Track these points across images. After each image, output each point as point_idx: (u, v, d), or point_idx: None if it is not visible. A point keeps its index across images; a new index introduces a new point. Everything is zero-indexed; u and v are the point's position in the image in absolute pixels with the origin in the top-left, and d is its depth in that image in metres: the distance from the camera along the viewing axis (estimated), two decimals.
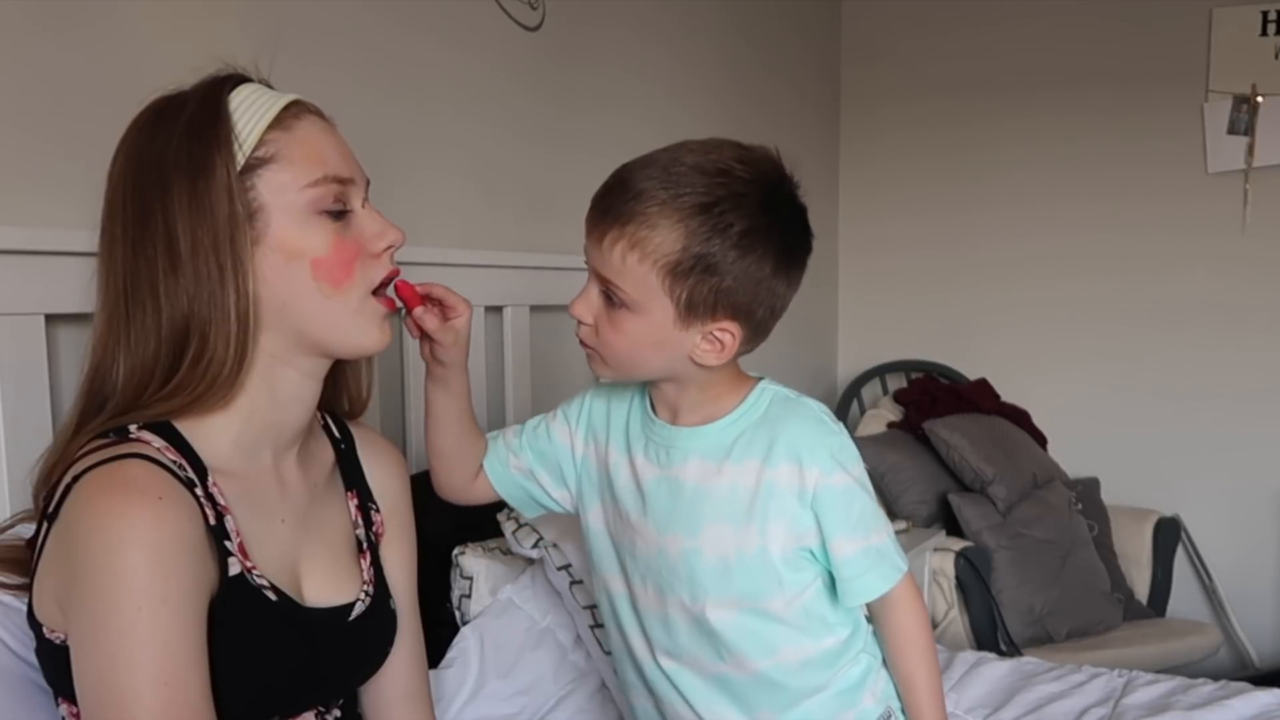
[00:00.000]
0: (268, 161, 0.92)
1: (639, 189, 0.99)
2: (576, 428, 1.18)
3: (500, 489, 1.21)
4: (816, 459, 1.05)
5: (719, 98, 2.81)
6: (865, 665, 1.13)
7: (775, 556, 1.07)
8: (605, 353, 1.06)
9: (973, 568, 2.57)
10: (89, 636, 0.83)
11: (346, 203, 0.96)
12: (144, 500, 0.84)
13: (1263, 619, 3.18)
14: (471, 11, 1.94)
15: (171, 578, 0.83)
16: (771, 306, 1.03)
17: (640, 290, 1.00)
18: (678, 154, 1.01)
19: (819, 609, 1.10)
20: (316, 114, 0.98)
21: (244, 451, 0.97)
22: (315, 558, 1.02)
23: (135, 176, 0.93)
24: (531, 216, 2.13)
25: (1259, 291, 3.15)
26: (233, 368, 0.92)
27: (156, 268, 0.91)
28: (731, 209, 0.98)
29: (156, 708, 0.81)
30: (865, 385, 3.50)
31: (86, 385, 0.95)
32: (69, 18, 1.25)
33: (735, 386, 1.10)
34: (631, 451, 1.12)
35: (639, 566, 1.12)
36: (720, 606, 1.08)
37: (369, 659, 1.08)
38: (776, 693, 1.11)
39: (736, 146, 1.02)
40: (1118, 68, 3.23)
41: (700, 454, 1.08)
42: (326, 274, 0.94)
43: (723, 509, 1.07)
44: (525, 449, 1.20)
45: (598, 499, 1.16)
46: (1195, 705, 1.64)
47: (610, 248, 1.01)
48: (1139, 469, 3.22)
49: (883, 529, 1.10)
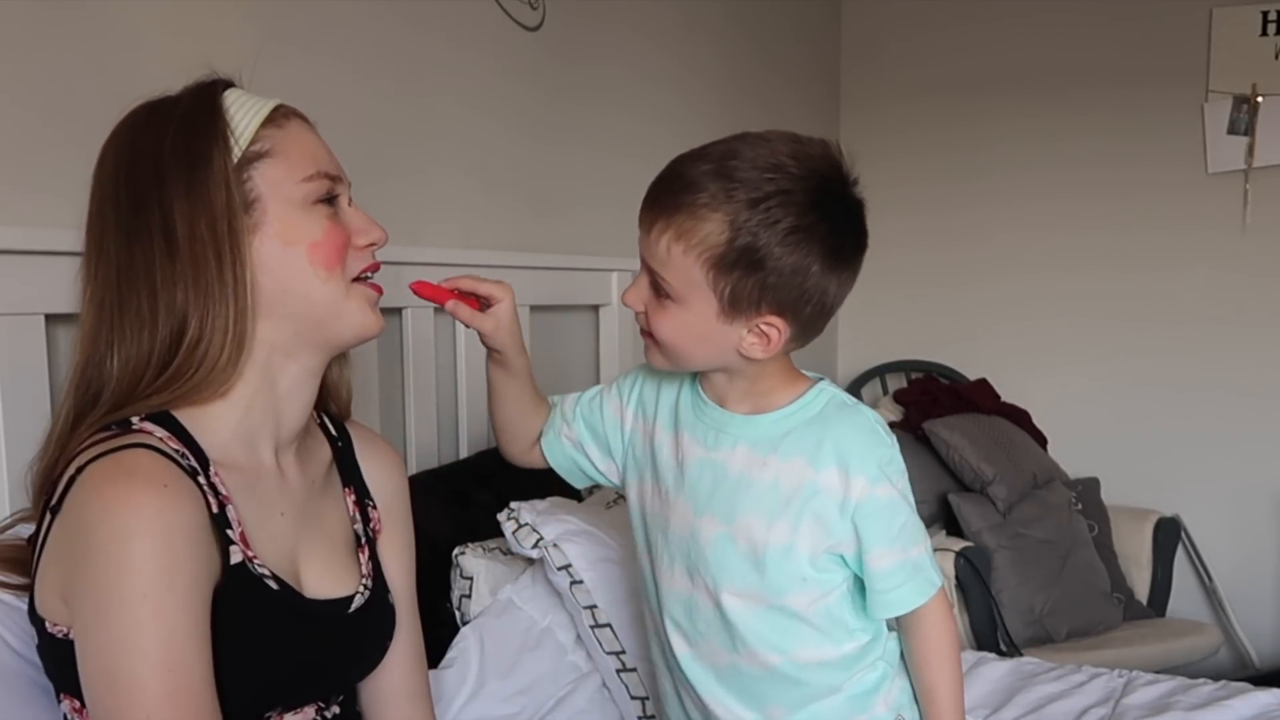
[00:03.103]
0: (263, 156, 0.95)
1: (689, 181, 0.99)
2: (627, 402, 1.19)
3: (551, 458, 1.23)
4: (864, 469, 1.05)
5: (719, 97, 2.81)
6: (881, 672, 1.13)
7: (803, 556, 1.07)
8: (656, 342, 1.07)
9: (973, 568, 2.57)
10: (94, 624, 0.83)
11: (336, 198, 0.99)
12: (149, 488, 0.84)
13: (1263, 619, 3.18)
14: (472, 11, 1.94)
15: (177, 564, 0.84)
16: (821, 304, 1.02)
17: (684, 282, 1.00)
18: (732, 146, 1.00)
19: (841, 613, 1.10)
20: (301, 117, 1.00)
21: (244, 443, 0.97)
22: (314, 551, 1.02)
23: (129, 170, 0.94)
24: (532, 217, 2.13)
25: (1259, 291, 3.15)
26: (231, 354, 0.93)
27: (153, 257, 0.92)
28: (779, 205, 0.97)
29: (160, 695, 0.82)
30: (865, 385, 3.51)
31: (78, 378, 0.95)
32: (69, 18, 1.25)
33: (788, 382, 1.10)
34: (679, 429, 1.13)
35: (670, 546, 1.13)
36: (743, 596, 1.08)
37: (368, 652, 1.09)
38: (788, 689, 1.11)
39: (793, 141, 1.00)
40: (1118, 67, 3.23)
41: (749, 442, 1.08)
42: (322, 258, 0.96)
43: (762, 501, 1.07)
44: (578, 419, 1.21)
45: (640, 474, 1.17)
46: (1195, 705, 1.64)
47: (658, 238, 1.01)
48: (1139, 469, 3.22)
49: (921, 542, 1.09)
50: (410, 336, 1.75)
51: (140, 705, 0.81)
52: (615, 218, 2.33)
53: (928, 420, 2.94)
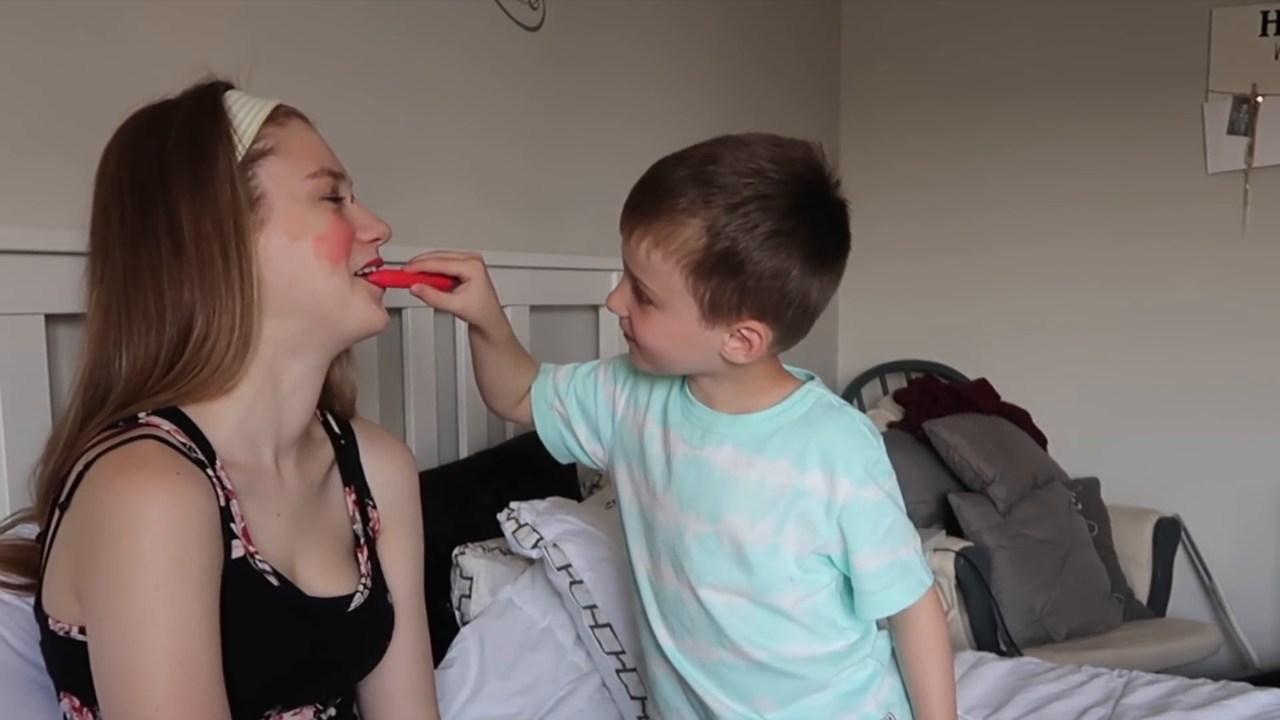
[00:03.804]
0: (267, 153, 0.96)
1: (668, 186, 0.99)
2: (621, 389, 1.19)
3: (539, 428, 1.23)
4: (850, 471, 1.05)
5: (718, 101, 2.81)
6: (871, 671, 1.13)
7: (789, 556, 1.07)
8: (640, 347, 1.07)
9: (973, 568, 2.57)
10: (105, 616, 0.83)
11: (339, 194, 1.00)
12: (161, 477, 0.84)
13: (1263, 619, 3.18)
14: (472, 11, 1.94)
15: (189, 554, 0.84)
16: (804, 308, 1.01)
17: (665, 288, 1.00)
18: (712, 150, 0.99)
19: (829, 612, 1.10)
20: (301, 117, 1.01)
21: (246, 441, 0.98)
22: (309, 552, 1.02)
23: (133, 170, 0.94)
24: (530, 216, 2.13)
25: (1259, 292, 3.15)
26: (237, 351, 0.93)
27: (159, 256, 0.92)
28: (758, 209, 0.96)
29: (170, 688, 0.82)
30: (865, 385, 3.51)
31: (85, 381, 0.95)
32: (69, 19, 1.25)
33: (775, 382, 1.09)
34: (667, 425, 1.12)
35: (656, 541, 1.13)
36: (729, 593, 1.08)
37: (367, 652, 1.09)
38: (775, 683, 1.11)
39: (773, 144, 1.00)
40: (1118, 68, 3.23)
41: (734, 442, 1.08)
42: (328, 251, 0.97)
43: (747, 501, 1.07)
44: (570, 396, 1.21)
45: (628, 463, 1.17)
46: (1195, 705, 1.64)
47: (638, 244, 1.01)
48: (1139, 469, 3.22)
49: (910, 542, 1.09)
50: (410, 336, 1.75)
51: (150, 698, 0.81)
52: (615, 217, 2.32)
53: (928, 420, 2.94)
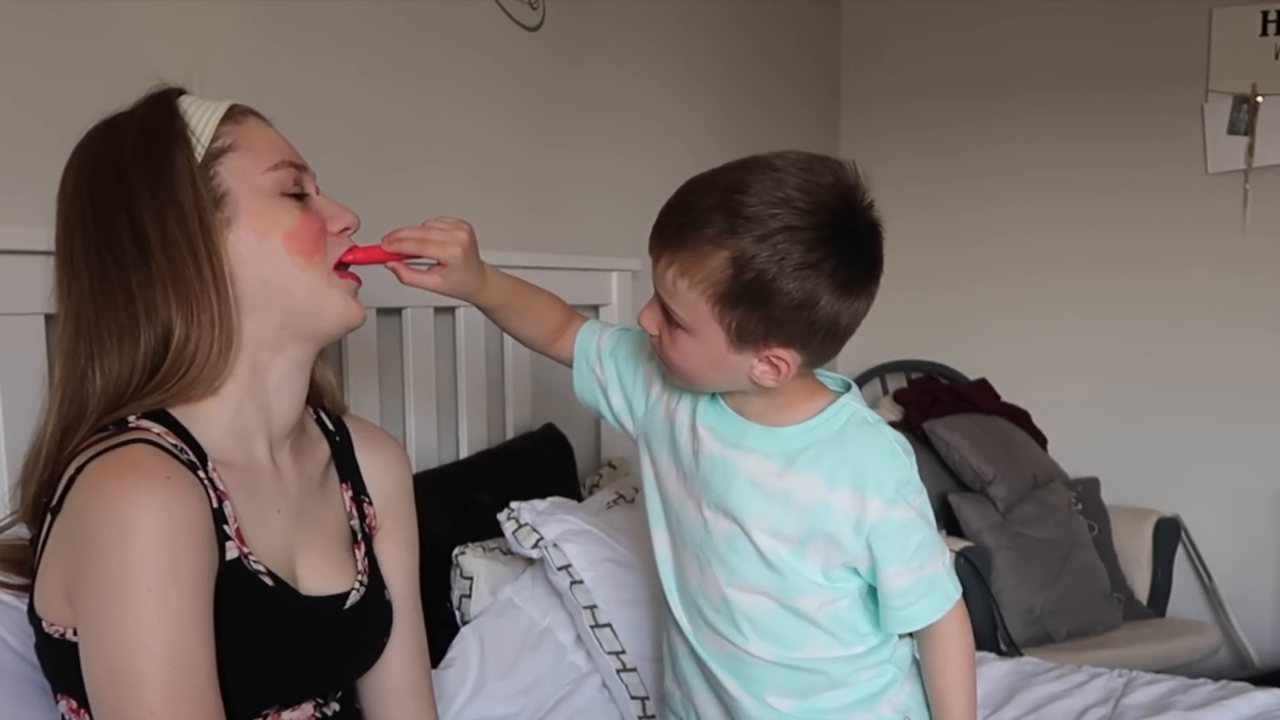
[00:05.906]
0: (227, 150, 0.95)
1: (696, 215, 0.98)
2: (660, 372, 1.18)
3: (576, 384, 1.24)
4: (881, 491, 1.04)
5: (719, 99, 2.81)
6: (890, 677, 1.13)
7: (815, 566, 1.07)
8: (670, 367, 1.07)
9: (973, 568, 2.57)
10: (97, 620, 0.83)
11: (303, 187, 1.00)
12: (152, 481, 0.84)
13: (1263, 619, 3.18)
14: (472, 11, 1.94)
15: (182, 558, 0.84)
16: (832, 333, 1.00)
17: (692, 315, 1.00)
18: (741, 178, 0.97)
19: (852, 617, 1.10)
20: (258, 115, 1.01)
21: (238, 440, 0.97)
22: (310, 548, 1.02)
23: (91, 182, 0.94)
24: (532, 216, 2.13)
25: (1259, 291, 3.15)
26: (221, 349, 0.93)
27: (125, 263, 0.91)
28: (785, 241, 0.94)
29: (164, 691, 0.81)
30: (865, 385, 3.50)
31: (59, 396, 0.94)
32: (68, 18, 1.25)
33: (809, 396, 1.09)
34: (697, 421, 1.12)
35: (683, 533, 1.13)
36: (754, 593, 1.09)
37: (366, 649, 1.09)
38: (792, 677, 1.11)
39: (803, 169, 0.97)
40: (1118, 67, 3.23)
41: (765, 453, 1.07)
42: (298, 246, 0.97)
43: (774, 511, 1.07)
44: (611, 365, 1.21)
45: (656, 448, 1.17)
46: (1195, 705, 1.64)
47: (664, 271, 1.01)
48: (1139, 469, 3.21)
49: (938, 558, 1.09)
50: (410, 336, 1.75)
51: (144, 702, 0.81)
52: (615, 217, 2.34)
53: (928, 420, 2.95)
